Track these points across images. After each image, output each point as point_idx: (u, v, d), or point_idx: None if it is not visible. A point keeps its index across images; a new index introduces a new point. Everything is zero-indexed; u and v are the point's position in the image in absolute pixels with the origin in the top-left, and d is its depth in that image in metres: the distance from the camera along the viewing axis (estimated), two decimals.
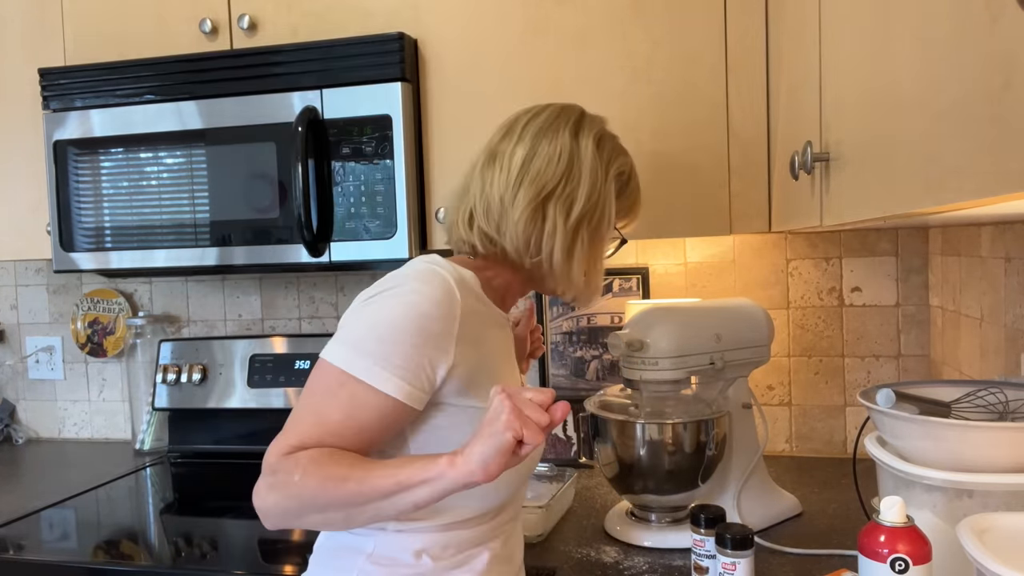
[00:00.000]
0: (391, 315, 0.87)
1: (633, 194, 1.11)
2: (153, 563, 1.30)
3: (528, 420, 0.78)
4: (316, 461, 0.84)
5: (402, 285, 0.90)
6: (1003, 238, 1.25)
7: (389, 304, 0.88)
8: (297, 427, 0.88)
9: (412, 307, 0.88)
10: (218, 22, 1.62)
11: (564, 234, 1.00)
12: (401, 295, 0.89)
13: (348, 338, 0.88)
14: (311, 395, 0.89)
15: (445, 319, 0.89)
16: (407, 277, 0.91)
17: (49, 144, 1.65)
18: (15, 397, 2.22)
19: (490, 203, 1.01)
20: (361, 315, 0.89)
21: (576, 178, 1.01)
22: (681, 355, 1.24)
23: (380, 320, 0.87)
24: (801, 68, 1.10)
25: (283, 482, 0.85)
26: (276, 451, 0.87)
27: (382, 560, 0.93)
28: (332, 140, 1.50)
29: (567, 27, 1.46)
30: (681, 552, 1.23)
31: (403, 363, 0.87)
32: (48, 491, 1.69)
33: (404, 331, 0.87)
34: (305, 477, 0.83)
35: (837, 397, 1.72)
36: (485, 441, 0.78)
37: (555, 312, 1.81)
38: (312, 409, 0.88)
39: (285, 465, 0.85)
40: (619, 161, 1.06)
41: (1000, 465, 0.86)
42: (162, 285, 2.09)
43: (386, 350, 0.86)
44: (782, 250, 1.73)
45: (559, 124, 1.04)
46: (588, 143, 1.03)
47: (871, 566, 0.83)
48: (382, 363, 0.86)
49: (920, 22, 0.61)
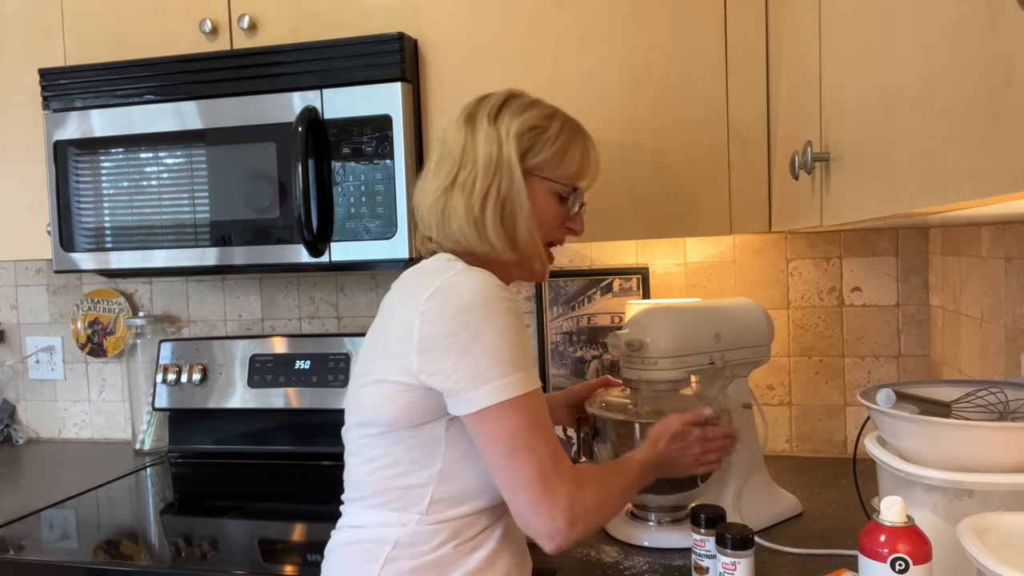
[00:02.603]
0: (503, 328, 0.92)
1: (556, 141, 1.07)
2: (153, 563, 1.30)
3: (707, 458, 1.13)
4: (599, 483, 0.98)
5: (484, 296, 0.93)
6: (1003, 238, 1.25)
7: (493, 323, 0.92)
8: (554, 461, 0.93)
9: (508, 312, 0.94)
10: (218, 22, 1.62)
11: (471, 210, 1.03)
12: (495, 307, 0.93)
13: (489, 372, 0.91)
14: (525, 435, 0.92)
15: (513, 302, 0.97)
16: (479, 289, 0.94)
17: (49, 144, 1.65)
18: (15, 397, 2.22)
19: (416, 211, 1.09)
20: (478, 347, 0.92)
21: (471, 157, 1.04)
22: (681, 355, 1.24)
23: (501, 339, 0.92)
24: (801, 68, 1.10)
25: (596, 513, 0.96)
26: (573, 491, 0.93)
27: (406, 549, 0.97)
28: (332, 140, 1.50)
29: (567, 27, 1.46)
30: (681, 552, 1.23)
31: (528, 355, 0.95)
32: (48, 491, 1.69)
33: (517, 332, 0.94)
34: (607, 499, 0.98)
35: (837, 397, 1.72)
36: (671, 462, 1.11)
37: (555, 312, 1.81)
38: (542, 438, 0.93)
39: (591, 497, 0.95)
40: (522, 118, 1.06)
41: (1000, 465, 0.86)
42: (162, 285, 2.09)
43: (519, 358, 0.93)
44: (782, 250, 1.73)
45: (459, 117, 1.09)
46: (482, 120, 1.06)
47: (871, 566, 0.83)
48: (523, 369, 0.93)
49: (920, 22, 0.61)
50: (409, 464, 0.97)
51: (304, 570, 1.25)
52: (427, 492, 0.97)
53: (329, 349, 1.85)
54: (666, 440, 1.10)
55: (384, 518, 0.98)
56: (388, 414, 0.97)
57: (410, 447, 0.97)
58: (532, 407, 0.93)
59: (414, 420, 0.96)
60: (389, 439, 0.98)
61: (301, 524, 1.44)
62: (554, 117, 1.09)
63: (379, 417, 0.98)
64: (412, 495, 0.97)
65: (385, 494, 0.99)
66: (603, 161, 1.45)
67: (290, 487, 1.69)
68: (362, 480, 1.01)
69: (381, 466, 0.99)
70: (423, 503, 0.97)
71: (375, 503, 0.99)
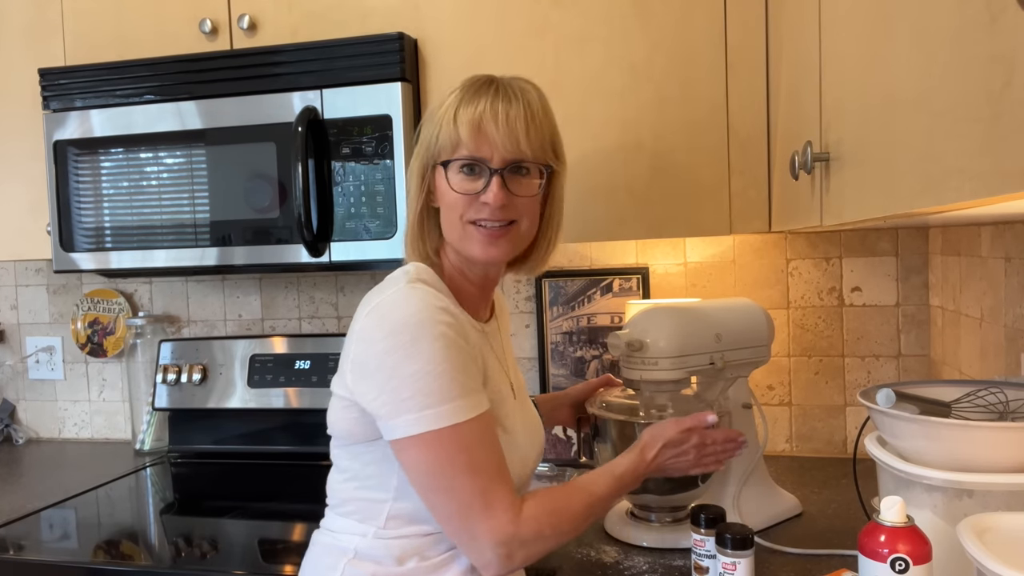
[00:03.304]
0: (432, 354, 0.89)
1: (441, 114, 1.01)
2: (153, 563, 1.30)
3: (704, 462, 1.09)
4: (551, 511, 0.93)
5: (417, 318, 0.90)
6: (1003, 238, 1.25)
7: (421, 347, 0.89)
8: (490, 495, 0.89)
9: (441, 337, 0.90)
10: (218, 22, 1.61)
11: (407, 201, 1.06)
12: (427, 331, 0.89)
13: (410, 401, 0.88)
14: (453, 469, 0.89)
15: (453, 325, 0.93)
16: (413, 311, 0.90)
17: (49, 144, 1.65)
18: (15, 397, 2.21)
19: None
20: (402, 372, 0.88)
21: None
22: (681, 355, 1.24)
23: (427, 366, 0.88)
24: (801, 68, 1.10)
25: (541, 542, 0.92)
26: (508, 525, 0.89)
27: (365, 560, 0.97)
28: (332, 140, 1.50)
29: (567, 27, 1.46)
30: (681, 552, 1.23)
31: (467, 380, 0.91)
32: (48, 491, 1.69)
33: (448, 360, 0.89)
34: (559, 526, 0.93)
35: (837, 397, 1.72)
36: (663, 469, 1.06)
37: (555, 312, 1.81)
38: (467, 473, 0.89)
39: (529, 531, 0.90)
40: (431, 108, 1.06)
41: (1000, 465, 0.86)
42: (162, 285, 2.09)
43: (448, 387, 0.89)
44: (782, 250, 1.73)
45: None
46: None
47: (871, 566, 0.83)
48: (452, 399, 0.89)
49: (920, 22, 0.61)
50: (367, 478, 0.98)
51: None
52: (385, 507, 0.97)
53: (329, 349, 1.85)
54: (658, 448, 1.05)
55: (348, 526, 1.00)
56: (342, 429, 0.98)
57: (366, 462, 0.98)
58: (458, 439, 0.89)
59: (363, 436, 0.96)
60: (349, 452, 1.00)
61: (301, 524, 1.44)
62: (450, 95, 1.06)
63: (337, 431, 1.00)
64: (372, 508, 0.98)
65: (350, 504, 1.00)
66: (603, 161, 1.45)
67: (290, 487, 1.69)
68: (334, 488, 1.03)
69: (347, 477, 1.00)
70: (381, 517, 0.97)
71: (342, 512, 1.01)
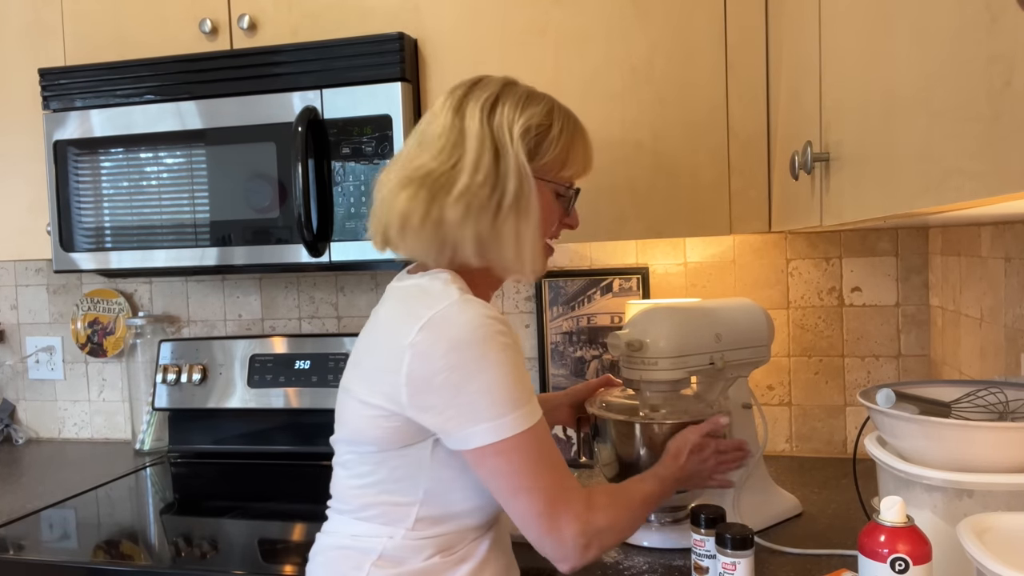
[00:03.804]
0: (498, 366, 0.90)
1: (560, 141, 1.00)
2: (153, 563, 1.30)
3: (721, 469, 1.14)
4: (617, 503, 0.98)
5: (480, 333, 0.89)
6: (1003, 238, 1.25)
7: (488, 361, 0.89)
8: (563, 492, 0.93)
9: (504, 348, 0.91)
10: (218, 22, 1.62)
11: (475, 222, 0.95)
12: (491, 344, 0.90)
13: (484, 412, 0.89)
14: (530, 471, 0.91)
15: (508, 332, 0.93)
16: (475, 325, 0.90)
17: (49, 144, 1.65)
18: (15, 397, 2.21)
19: (390, 217, 0.98)
20: (472, 386, 0.89)
21: (472, 160, 0.95)
22: (681, 355, 1.24)
23: (497, 376, 0.90)
24: (801, 68, 1.10)
25: (612, 534, 0.96)
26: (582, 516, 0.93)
27: (390, 560, 0.96)
28: (332, 140, 1.50)
29: (567, 27, 1.46)
30: (681, 552, 1.23)
31: (528, 384, 0.94)
32: (48, 491, 1.69)
33: (515, 368, 0.91)
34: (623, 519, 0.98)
35: (837, 397, 1.72)
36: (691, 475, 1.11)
37: (555, 312, 1.81)
38: (547, 471, 0.92)
39: (604, 520, 0.94)
40: (524, 117, 0.98)
41: (1000, 465, 0.86)
42: (162, 285, 2.09)
43: (516, 395, 0.91)
44: (782, 250, 1.73)
45: (444, 106, 0.99)
46: (475, 113, 0.97)
47: (871, 566, 0.83)
48: (520, 405, 0.91)
49: (920, 22, 0.61)
50: (395, 483, 0.96)
51: (304, 570, 1.24)
52: (413, 510, 0.96)
53: (329, 349, 1.85)
54: (687, 454, 1.10)
55: (370, 530, 0.98)
56: (372, 436, 0.96)
57: (394, 467, 0.96)
58: (532, 442, 0.91)
59: (398, 443, 0.95)
60: (375, 459, 0.97)
61: (301, 524, 1.44)
62: (553, 112, 1.01)
63: (364, 438, 0.97)
64: (398, 512, 0.97)
65: (371, 508, 0.98)
66: (603, 161, 1.45)
67: (290, 487, 1.69)
68: (349, 493, 1.00)
69: (368, 483, 0.98)
70: (409, 520, 0.96)
71: (362, 516, 0.99)
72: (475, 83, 1.02)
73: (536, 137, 0.99)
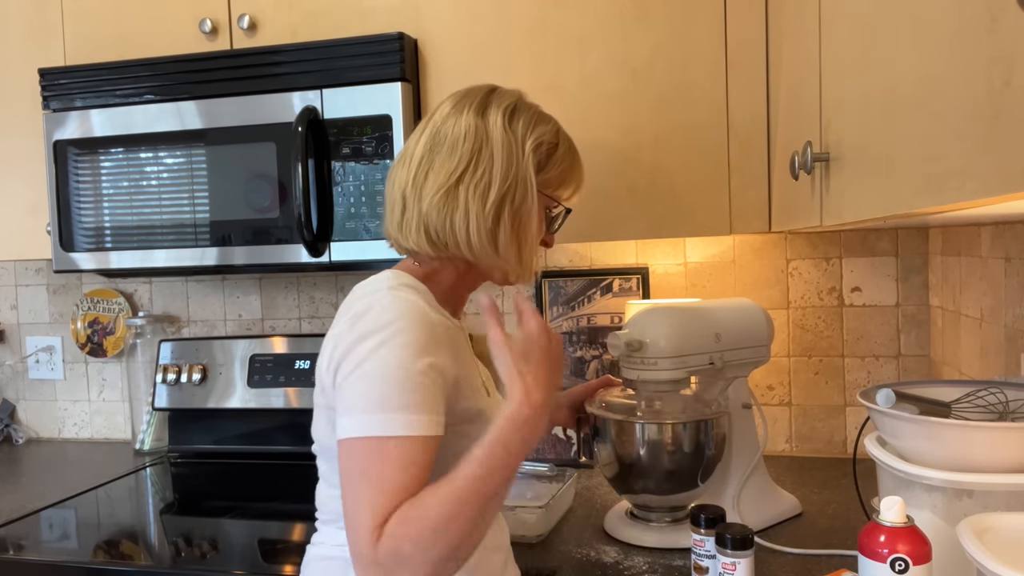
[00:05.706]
0: (392, 360, 0.85)
1: (562, 162, 1.05)
2: (153, 563, 1.30)
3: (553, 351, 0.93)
4: (413, 517, 0.81)
5: (383, 329, 0.87)
6: (1003, 238, 1.25)
7: (384, 352, 0.86)
8: (368, 507, 0.82)
9: (408, 346, 0.86)
10: (218, 22, 1.62)
11: (483, 219, 0.97)
12: (396, 339, 0.86)
13: (365, 405, 0.85)
14: (359, 477, 0.84)
15: (435, 334, 0.90)
16: (381, 319, 0.87)
17: (49, 144, 1.65)
18: (15, 397, 2.21)
19: (395, 202, 1.01)
20: (362, 378, 0.86)
21: (487, 158, 0.98)
22: (680, 355, 1.24)
23: (386, 372, 0.85)
24: (801, 68, 1.10)
25: (400, 560, 0.81)
26: (366, 544, 0.81)
27: None
28: (332, 140, 1.50)
29: (567, 28, 1.46)
30: (681, 552, 1.23)
31: (423, 399, 0.86)
32: (48, 491, 1.69)
33: (406, 369, 0.86)
34: (421, 532, 0.80)
35: (837, 397, 1.72)
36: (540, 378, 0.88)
37: (555, 312, 1.81)
38: (371, 485, 0.83)
39: (388, 548, 0.80)
40: (537, 132, 1.01)
41: (1000, 465, 0.86)
42: (162, 285, 2.09)
43: (400, 398, 0.85)
44: (782, 250, 1.73)
45: (463, 106, 1.01)
46: (496, 119, 0.99)
47: (871, 566, 0.83)
48: (398, 410, 0.84)
49: (920, 22, 0.61)
50: None
51: None
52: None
53: None
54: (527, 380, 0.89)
55: None
56: (331, 442, 0.93)
57: None
58: (400, 452, 0.83)
59: None
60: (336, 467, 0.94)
61: (301, 524, 1.44)
62: (559, 134, 1.06)
63: (327, 444, 0.96)
64: None
65: None
66: (603, 161, 1.45)
67: (290, 487, 1.69)
68: (329, 504, 1.00)
69: (341, 493, 0.94)
70: None
71: (342, 525, 0.96)
72: (492, 90, 1.04)
73: (546, 152, 1.03)
